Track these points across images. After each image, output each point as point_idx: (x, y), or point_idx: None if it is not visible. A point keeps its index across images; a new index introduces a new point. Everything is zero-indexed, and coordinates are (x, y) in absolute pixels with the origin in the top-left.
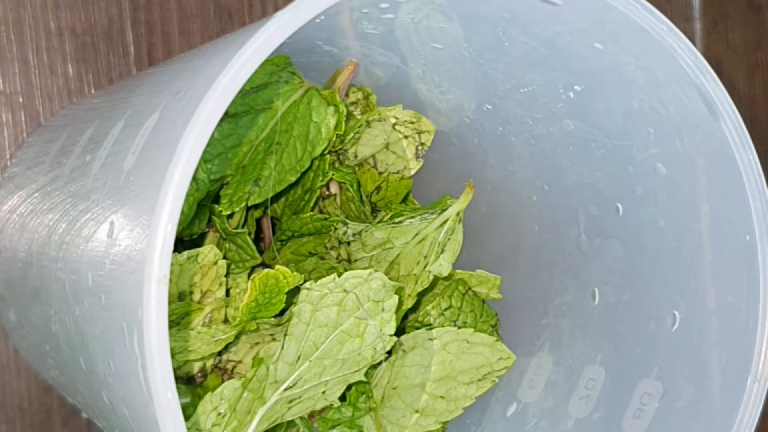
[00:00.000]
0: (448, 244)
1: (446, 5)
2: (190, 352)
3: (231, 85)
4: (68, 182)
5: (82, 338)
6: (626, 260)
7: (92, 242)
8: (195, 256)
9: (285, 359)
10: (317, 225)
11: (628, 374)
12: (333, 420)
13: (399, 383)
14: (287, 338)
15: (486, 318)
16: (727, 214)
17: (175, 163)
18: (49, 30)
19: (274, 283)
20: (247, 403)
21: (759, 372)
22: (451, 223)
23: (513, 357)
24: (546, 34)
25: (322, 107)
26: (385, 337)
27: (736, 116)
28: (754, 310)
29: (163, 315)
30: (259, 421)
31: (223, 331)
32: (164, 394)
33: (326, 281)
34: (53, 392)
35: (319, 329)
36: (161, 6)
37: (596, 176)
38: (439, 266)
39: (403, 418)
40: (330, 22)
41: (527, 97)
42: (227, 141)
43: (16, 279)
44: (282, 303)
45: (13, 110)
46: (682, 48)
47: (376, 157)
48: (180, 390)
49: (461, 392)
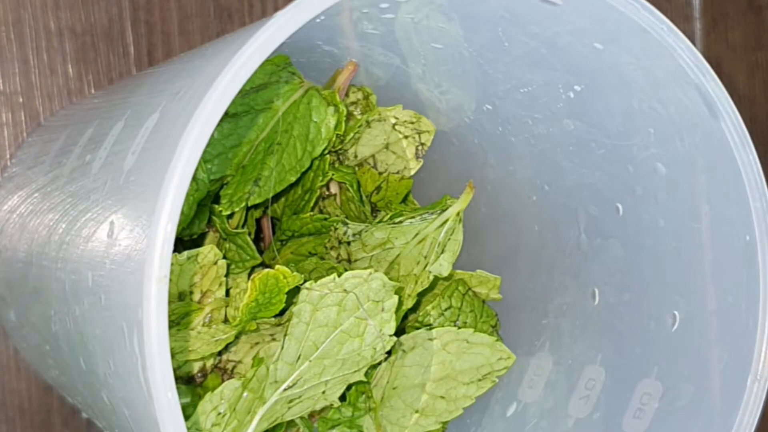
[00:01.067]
0: (448, 244)
1: (446, 5)
2: (190, 352)
3: (231, 85)
4: (68, 182)
5: (82, 338)
6: (626, 260)
7: (92, 242)
8: (195, 256)
9: (285, 359)
10: (317, 225)
11: (628, 374)
12: (333, 420)
13: (399, 383)
14: (287, 338)
15: (486, 318)
16: (727, 214)
17: (175, 163)
18: (49, 30)
19: (274, 283)
20: (247, 403)
21: (759, 372)
22: (451, 224)
23: (513, 357)
24: (546, 34)
25: (322, 107)
26: (384, 337)
27: (736, 116)
28: (754, 310)
29: (163, 315)
30: (258, 420)
31: (223, 331)
32: (164, 394)
33: (326, 281)
34: (53, 392)
35: (319, 329)
36: (161, 6)
37: (596, 176)
38: (439, 266)
39: (403, 418)
40: (330, 22)
41: (527, 97)
42: (227, 141)
43: (16, 279)
44: (282, 303)
45: (13, 110)
46: (682, 48)
47: (376, 157)
48: (180, 390)
49: (461, 392)
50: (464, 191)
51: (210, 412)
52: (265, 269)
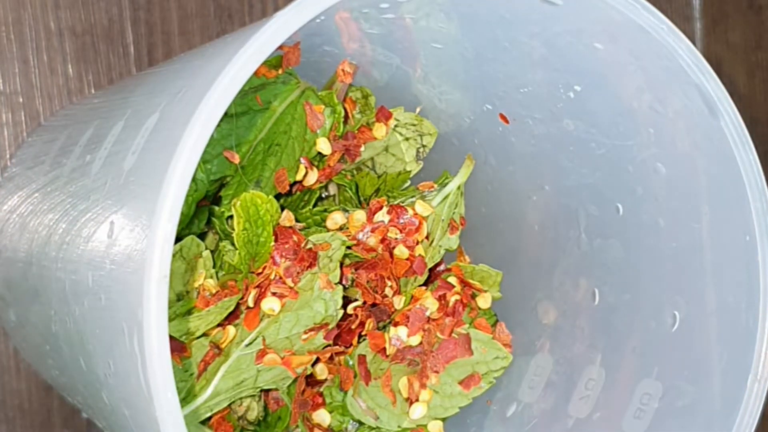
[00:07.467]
0: (453, 217)
1: (446, 5)
2: (196, 330)
3: (231, 85)
4: (68, 182)
5: (82, 338)
6: (626, 260)
7: (92, 242)
8: (179, 251)
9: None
10: (317, 219)
11: (628, 374)
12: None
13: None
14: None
15: (485, 317)
16: (727, 214)
17: (175, 163)
18: (49, 30)
19: (255, 211)
20: (215, 364)
21: (759, 372)
22: (453, 198)
23: (509, 357)
24: (546, 34)
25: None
26: (331, 287)
27: (736, 116)
28: (754, 310)
29: (163, 315)
30: (222, 376)
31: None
32: (164, 394)
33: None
34: (53, 392)
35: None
36: (161, 6)
37: (596, 176)
38: (448, 240)
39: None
40: (330, 22)
41: (527, 97)
42: (226, 141)
43: (16, 279)
44: (271, 238)
45: (13, 110)
46: (682, 48)
47: (374, 159)
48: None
49: (456, 390)
50: (464, 164)
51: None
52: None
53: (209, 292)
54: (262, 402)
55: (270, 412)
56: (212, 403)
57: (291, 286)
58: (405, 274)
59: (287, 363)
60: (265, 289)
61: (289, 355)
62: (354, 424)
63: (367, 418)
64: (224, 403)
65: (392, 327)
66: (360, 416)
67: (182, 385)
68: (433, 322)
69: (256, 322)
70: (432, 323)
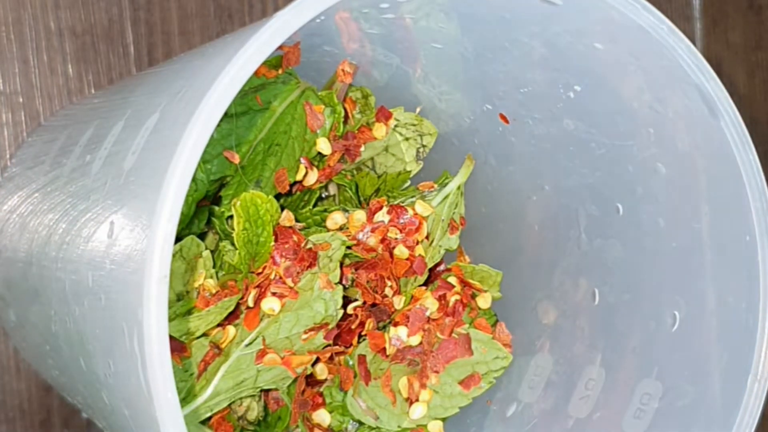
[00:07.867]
0: (453, 217)
1: (446, 5)
2: (196, 330)
3: (231, 85)
4: (68, 182)
5: (82, 338)
6: (626, 260)
7: (92, 242)
8: (179, 251)
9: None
10: (317, 219)
11: (628, 374)
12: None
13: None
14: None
15: (485, 317)
16: (727, 214)
17: (175, 163)
18: (49, 30)
19: (255, 210)
20: (215, 364)
21: (759, 372)
22: (453, 198)
23: (509, 357)
24: (546, 34)
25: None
26: (332, 287)
27: (736, 116)
28: (754, 310)
29: (163, 315)
30: (222, 376)
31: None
32: (164, 394)
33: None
34: (53, 392)
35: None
36: (161, 6)
37: (596, 176)
38: (448, 240)
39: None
40: (330, 22)
41: (527, 97)
42: (226, 141)
43: (16, 279)
44: (270, 238)
45: (13, 110)
46: (682, 48)
47: (374, 159)
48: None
49: (456, 390)
50: (463, 164)
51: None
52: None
53: (209, 292)
54: (262, 402)
55: (270, 412)
56: (212, 403)
57: (291, 286)
58: (405, 274)
59: (287, 363)
60: (265, 289)
61: (289, 355)
62: (354, 424)
63: (367, 418)
64: (224, 403)
65: (392, 327)
66: (360, 416)
67: (182, 385)
68: (433, 322)
69: (256, 322)
70: (432, 323)
